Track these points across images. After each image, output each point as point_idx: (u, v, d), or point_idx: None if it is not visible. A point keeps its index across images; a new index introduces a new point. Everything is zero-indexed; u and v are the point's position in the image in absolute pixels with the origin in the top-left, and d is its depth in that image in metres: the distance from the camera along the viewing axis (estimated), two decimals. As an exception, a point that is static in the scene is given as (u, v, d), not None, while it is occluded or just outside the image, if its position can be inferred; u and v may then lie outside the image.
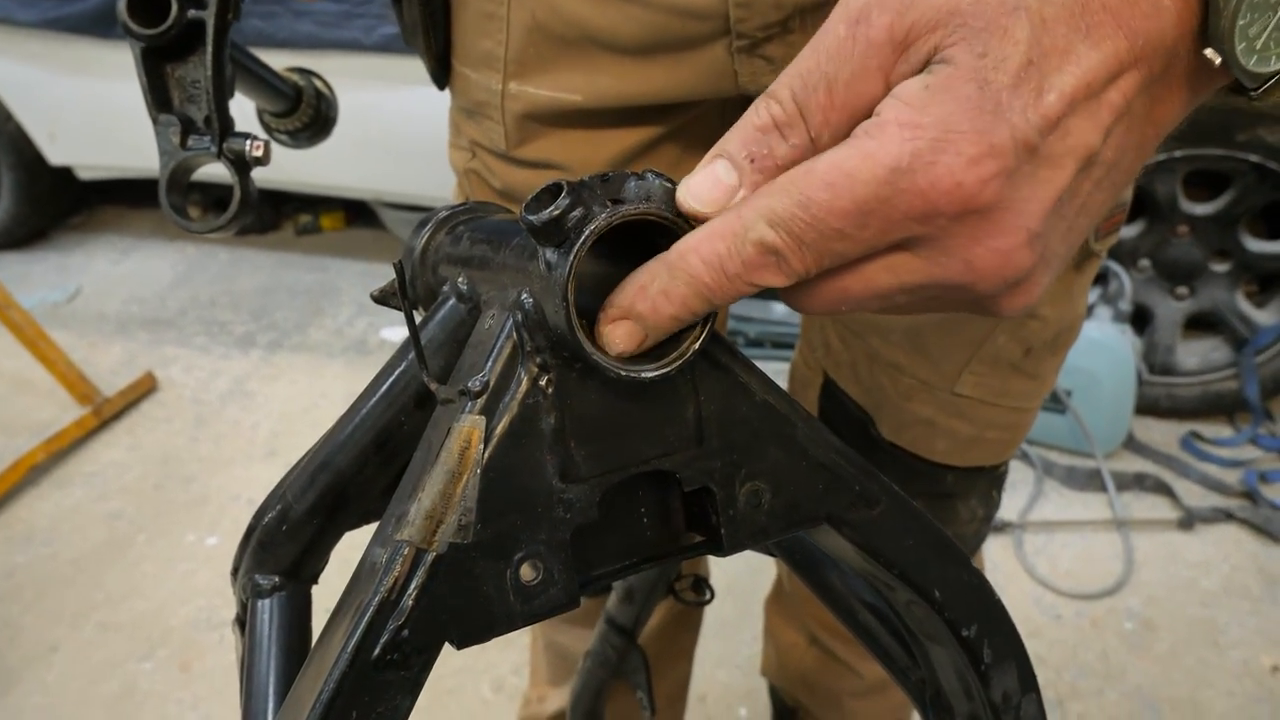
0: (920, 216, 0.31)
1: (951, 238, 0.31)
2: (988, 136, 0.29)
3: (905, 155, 0.30)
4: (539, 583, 0.38)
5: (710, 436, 0.40)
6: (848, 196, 0.30)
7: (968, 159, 0.30)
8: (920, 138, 0.30)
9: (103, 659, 1.81)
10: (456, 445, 0.37)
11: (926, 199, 0.30)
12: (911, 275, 0.33)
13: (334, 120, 0.76)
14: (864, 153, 0.30)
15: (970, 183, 0.30)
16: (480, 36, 0.74)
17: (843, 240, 0.31)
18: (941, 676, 0.52)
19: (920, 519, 0.46)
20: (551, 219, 0.33)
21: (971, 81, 0.30)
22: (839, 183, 0.30)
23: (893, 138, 0.30)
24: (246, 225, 0.62)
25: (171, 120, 0.58)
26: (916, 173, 0.30)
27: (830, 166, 0.31)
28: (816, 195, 0.31)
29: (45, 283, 3.26)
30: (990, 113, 0.30)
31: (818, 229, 0.31)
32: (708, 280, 0.33)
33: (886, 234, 0.31)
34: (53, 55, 2.89)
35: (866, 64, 0.32)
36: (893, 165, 0.30)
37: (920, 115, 0.30)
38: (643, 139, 0.75)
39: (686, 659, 1.30)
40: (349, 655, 0.35)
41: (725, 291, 0.33)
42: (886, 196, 0.30)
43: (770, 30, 0.65)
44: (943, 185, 0.30)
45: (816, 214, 0.31)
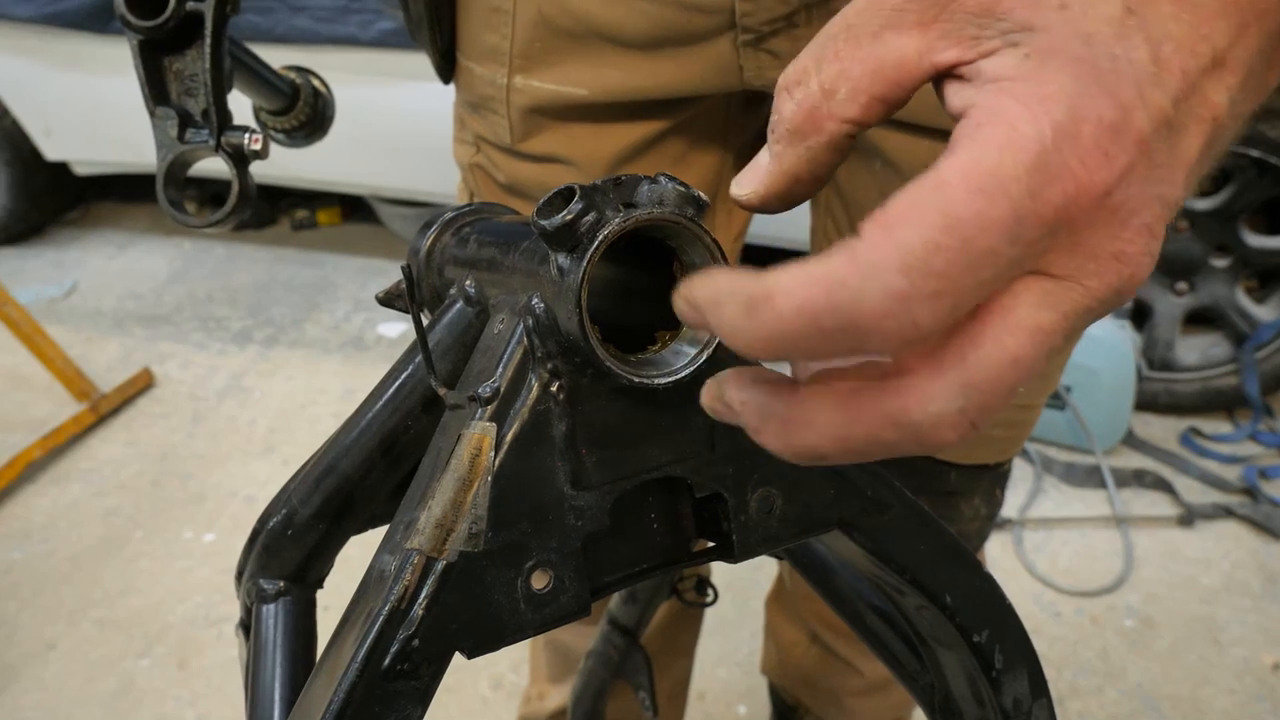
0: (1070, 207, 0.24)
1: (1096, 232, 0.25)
2: (1119, 96, 0.24)
3: (1046, 132, 0.24)
4: (550, 591, 0.37)
5: (722, 442, 0.40)
6: (1004, 203, 0.24)
7: (1109, 125, 0.24)
8: (1053, 110, 0.24)
9: (100, 656, 1.80)
10: (467, 452, 0.36)
11: (1079, 181, 0.24)
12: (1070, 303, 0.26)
13: (331, 119, 0.76)
14: (998, 143, 0.24)
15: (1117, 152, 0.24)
16: (486, 30, 0.73)
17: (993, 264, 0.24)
18: (951, 682, 0.52)
19: (931, 523, 0.46)
20: (564, 224, 0.32)
21: (1073, 37, 0.25)
22: (987, 185, 0.24)
23: (1021, 117, 0.24)
24: (243, 220, 0.62)
25: (169, 113, 0.57)
26: (1064, 151, 0.24)
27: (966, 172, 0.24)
28: (964, 210, 0.23)
29: (41, 278, 3.24)
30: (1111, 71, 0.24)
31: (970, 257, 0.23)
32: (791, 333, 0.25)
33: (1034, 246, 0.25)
34: (49, 50, 2.88)
35: (901, 16, 0.27)
36: (1039, 148, 0.24)
37: (1038, 86, 0.25)
38: (648, 133, 0.74)
39: (687, 657, 1.30)
40: (359, 665, 0.34)
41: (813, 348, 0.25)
42: (1039, 190, 0.24)
43: (776, 25, 0.65)
44: (1091, 160, 0.24)
45: (969, 236, 0.23)
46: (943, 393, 0.25)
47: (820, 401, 0.27)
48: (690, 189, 0.35)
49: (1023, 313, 0.25)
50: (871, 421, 0.26)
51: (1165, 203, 0.26)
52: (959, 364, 0.25)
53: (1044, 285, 0.26)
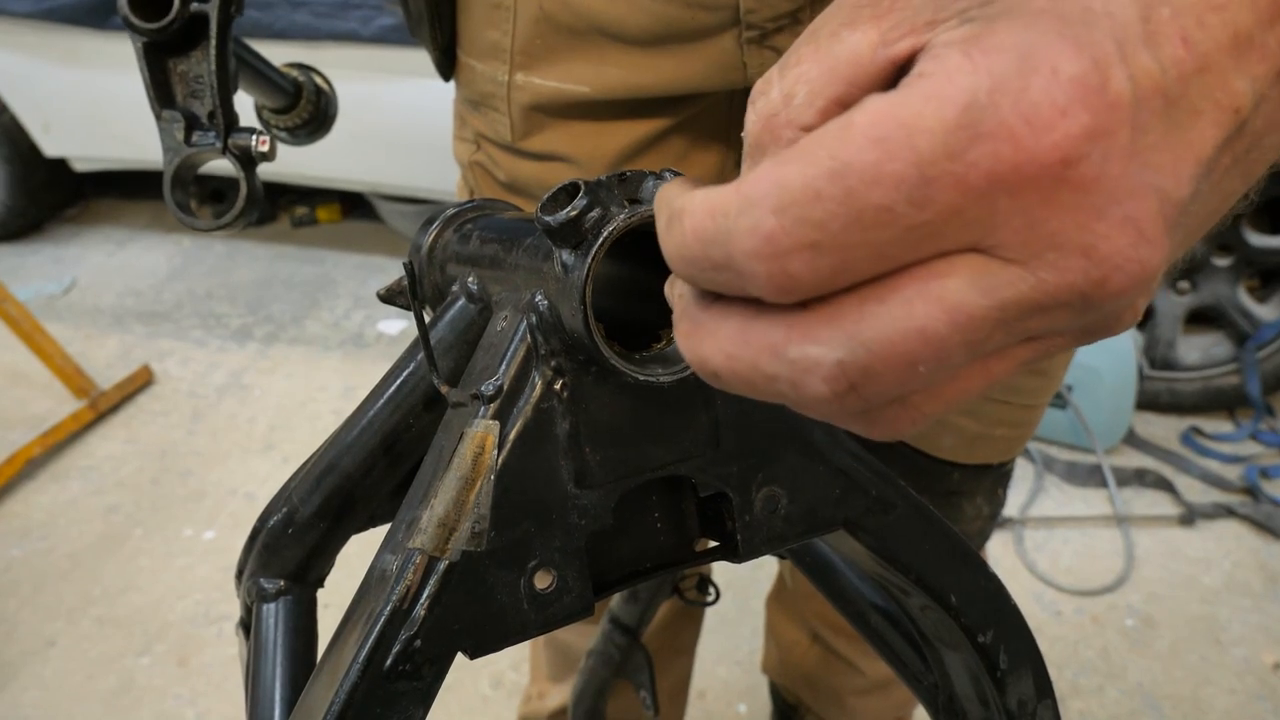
0: (1010, 175, 0.20)
1: (1057, 215, 0.21)
2: (1088, 49, 0.20)
3: (983, 82, 0.20)
4: (553, 591, 0.37)
5: (727, 441, 0.40)
6: (905, 154, 0.20)
7: (1069, 78, 0.20)
8: (999, 60, 0.20)
9: (100, 654, 1.80)
10: (470, 451, 0.36)
11: (1019, 142, 0.20)
12: (1010, 289, 0.22)
13: (333, 117, 0.75)
14: (924, 94, 0.21)
15: (1079, 113, 0.20)
16: (487, 27, 0.73)
17: (888, 226, 0.21)
18: (955, 682, 0.51)
19: (937, 523, 0.46)
20: (568, 220, 0.32)
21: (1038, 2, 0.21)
22: (891, 136, 0.21)
23: (960, 67, 0.21)
24: (250, 222, 0.62)
25: (175, 116, 0.57)
26: (1001, 105, 0.20)
27: (876, 116, 0.21)
28: (855, 156, 0.21)
29: (41, 275, 3.24)
30: (1081, 22, 0.21)
31: (853, 207, 0.21)
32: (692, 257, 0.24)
33: (959, 215, 0.21)
34: (48, 46, 2.87)
35: (858, 12, 0.24)
36: (967, 99, 0.20)
37: (988, 38, 0.21)
38: (650, 131, 0.74)
39: (688, 655, 1.30)
40: (360, 665, 0.34)
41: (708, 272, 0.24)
42: (961, 148, 0.20)
43: (780, 21, 0.65)
44: (1041, 117, 0.20)
45: (854, 185, 0.21)
46: (826, 337, 0.23)
47: (724, 313, 0.25)
48: (696, 185, 0.34)
49: (948, 285, 0.22)
50: (757, 346, 0.24)
51: (1164, 197, 0.21)
52: (853, 315, 0.22)
53: (984, 264, 0.22)
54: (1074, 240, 0.21)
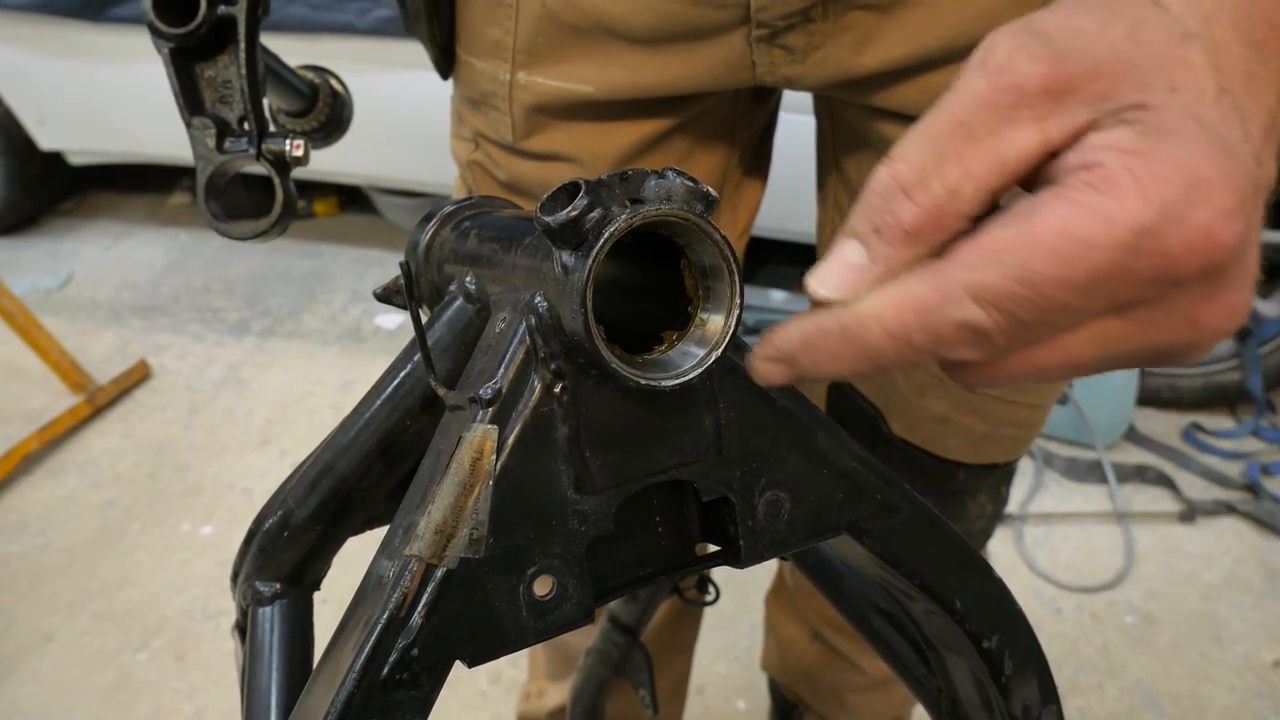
0: (1158, 280, 0.26)
1: (1182, 297, 0.27)
2: (1233, 181, 0.26)
3: (1152, 213, 0.25)
4: (553, 597, 0.36)
5: (729, 445, 0.39)
6: (1084, 267, 0.26)
7: (1222, 212, 0.25)
8: (1166, 189, 0.25)
9: (98, 649, 1.79)
10: (468, 455, 0.35)
11: (1175, 260, 0.26)
12: (1122, 344, 0.28)
13: (349, 120, 0.74)
14: (1100, 214, 0.26)
15: (1226, 239, 0.26)
16: (488, 25, 0.72)
17: (1066, 315, 0.27)
18: (959, 687, 0.51)
19: (942, 527, 0.45)
20: (569, 220, 0.31)
21: (1187, 119, 0.26)
22: (1072, 253, 0.26)
23: (1132, 193, 0.26)
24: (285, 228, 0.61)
25: (206, 123, 0.55)
26: (1169, 234, 0.25)
27: (1059, 233, 0.26)
28: (1045, 269, 0.26)
29: (37, 269, 3.22)
30: (1226, 154, 0.26)
31: (1040, 305, 0.27)
32: (887, 351, 0.30)
33: (1113, 301, 0.27)
34: (43, 39, 2.85)
35: (1016, 113, 0.28)
36: (1138, 226, 0.25)
37: (1156, 165, 0.26)
38: (654, 131, 0.73)
39: (687, 653, 1.29)
40: (357, 674, 0.34)
41: (903, 361, 0.30)
42: (1127, 263, 0.26)
43: (792, 19, 0.63)
44: (1197, 244, 0.25)
45: (1044, 291, 0.26)
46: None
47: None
48: (699, 184, 0.33)
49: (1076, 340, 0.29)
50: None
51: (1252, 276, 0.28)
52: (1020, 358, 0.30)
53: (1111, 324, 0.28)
54: (1185, 313, 0.27)
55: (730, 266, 0.34)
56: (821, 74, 0.67)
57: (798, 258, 2.54)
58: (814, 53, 0.66)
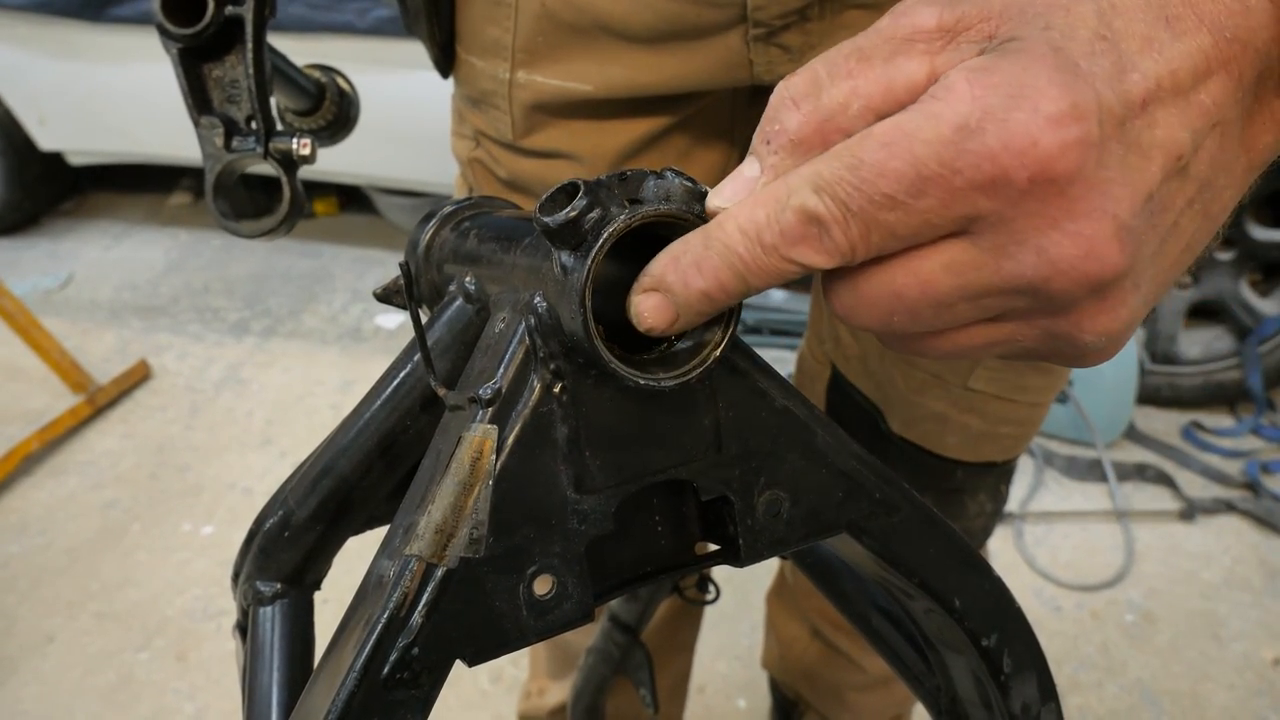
0: (987, 184, 0.27)
1: (1022, 218, 0.27)
2: (1069, 94, 0.26)
3: (975, 112, 0.26)
4: (553, 597, 0.37)
5: (729, 444, 0.39)
6: (905, 156, 0.27)
7: (1046, 116, 0.26)
8: (993, 95, 0.26)
9: (99, 649, 1.80)
10: (467, 455, 0.35)
11: (996, 161, 0.26)
12: (975, 273, 0.29)
13: (355, 119, 0.74)
14: (928, 113, 0.27)
15: (1049, 144, 0.26)
16: (487, 24, 0.72)
17: (894, 209, 0.28)
18: (958, 685, 0.51)
19: (941, 526, 0.45)
20: (568, 220, 0.31)
21: (1044, 45, 0.27)
22: (897, 142, 0.27)
23: (962, 96, 0.27)
24: (292, 226, 0.61)
25: (214, 122, 0.56)
26: (986, 131, 0.26)
27: (889, 127, 0.28)
28: (869, 155, 0.27)
29: (37, 269, 3.22)
30: (1070, 72, 0.26)
31: (866, 192, 0.28)
32: (742, 251, 0.30)
33: (946, 208, 0.27)
34: (42, 39, 2.85)
35: (910, 45, 0.29)
36: (960, 122, 0.26)
37: (991, 75, 0.27)
38: (652, 129, 0.73)
39: (687, 652, 1.30)
40: (357, 674, 0.34)
41: (761, 268, 0.30)
42: (949, 159, 0.27)
43: (789, 18, 0.64)
44: (1016, 144, 0.26)
45: (866, 175, 0.27)
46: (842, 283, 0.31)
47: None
48: (697, 184, 0.34)
49: (925, 263, 0.29)
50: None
51: (1119, 223, 0.27)
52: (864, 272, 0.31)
53: (961, 249, 0.29)
54: (1031, 241, 0.27)
55: None
56: None
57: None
58: (811, 52, 0.66)
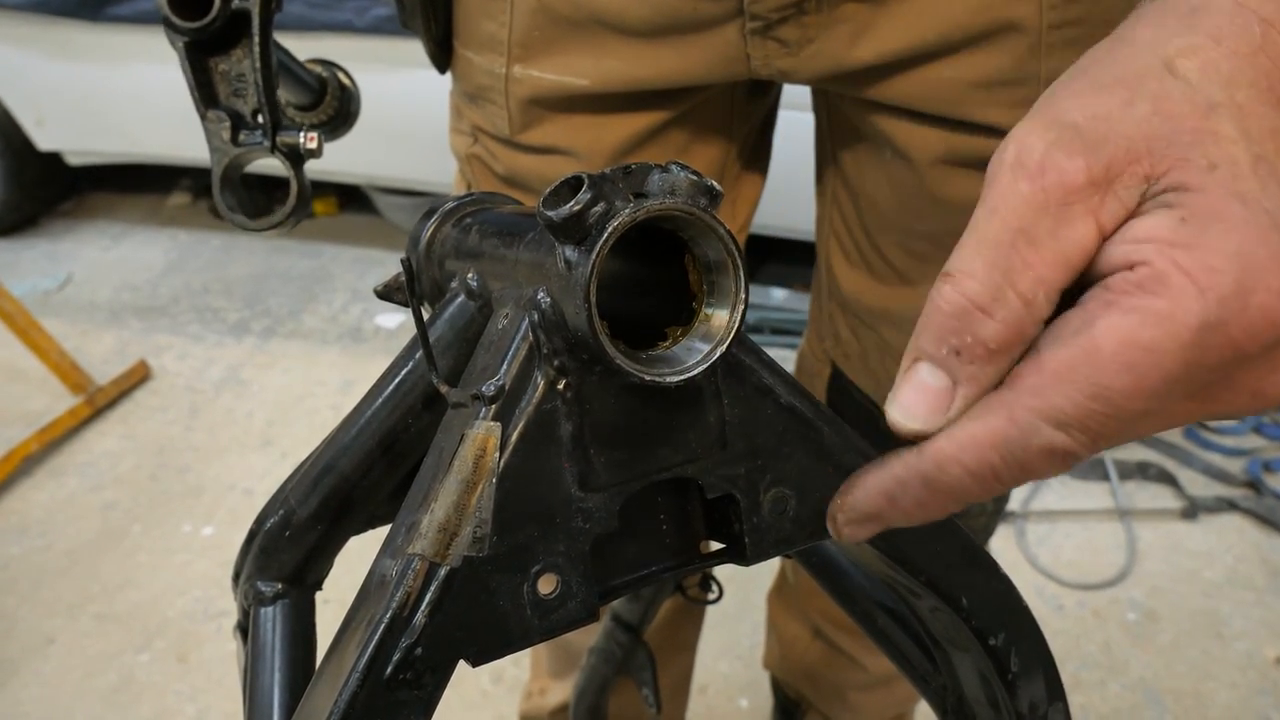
0: (1225, 366, 0.27)
1: (1246, 374, 0.28)
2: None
3: (1212, 308, 0.26)
4: (557, 596, 0.36)
5: (734, 442, 0.39)
6: (1155, 375, 0.27)
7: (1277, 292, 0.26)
8: (1219, 281, 0.26)
9: (100, 650, 1.79)
10: (471, 453, 0.35)
11: (1239, 348, 0.27)
12: (1187, 419, 0.29)
13: (356, 114, 0.74)
14: (1159, 316, 0.26)
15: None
16: (483, 18, 0.71)
17: (1146, 419, 0.28)
18: (965, 684, 0.50)
19: (947, 524, 0.45)
20: (572, 215, 0.31)
21: (1224, 195, 0.26)
22: (1140, 361, 0.26)
23: (1186, 291, 0.26)
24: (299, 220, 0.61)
25: (221, 116, 0.56)
26: (1229, 325, 0.26)
27: (1122, 344, 0.27)
28: (1115, 382, 0.27)
29: (35, 270, 3.22)
30: (1272, 229, 0.26)
31: (1119, 418, 0.27)
32: (973, 489, 0.30)
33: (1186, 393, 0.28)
34: (40, 39, 2.85)
35: (1069, 210, 0.28)
36: (1199, 324, 0.26)
37: (1205, 255, 0.26)
38: (650, 123, 0.73)
39: (689, 652, 1.29)
40: (360, 674, 0.33)
41: (993, 493, 0.30)
42: (1196, 360, 0.26)
43: (785, 11, 0.63)
44: (1259, 329, 0.26)
45: (1119, 404, 0.27)
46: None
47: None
48: (703, 178, 0.33)
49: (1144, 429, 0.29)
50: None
51: None
52: None
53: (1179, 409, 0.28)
54: (1248, 387, 0.28)
55: (735, 261, 0.34)
56: (816, 67, 0.67)
57: (799, 256, 2.54)
58: (808, 45, 0.66)
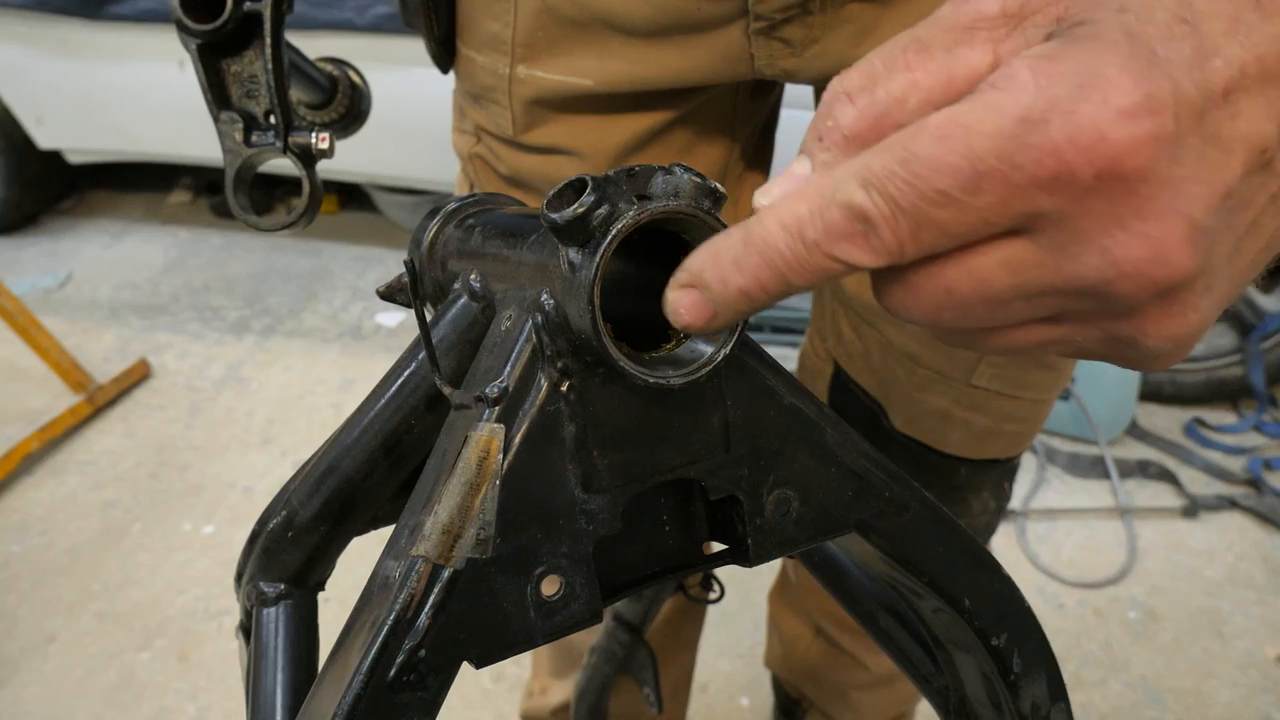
0: (1049, 181, 0.24)
1: (1086, 217, 0.25)
2: (1143, 84, 0.23)
3: (1039, 103, 0.24)
4: (560, 598, 0.36)
5: (737, 443, 0.39)
6: (961, 150, 0.25)
7: (1117, 108, 0.23)
8: (1058, 84, 0.24)
9: (100, 649, 1.79)
10: (474, 455, 0.35)
11: (1060, 157, 0.24)
12: (1034, 272, 0.26)
13: (367, 113, 0.75)
14: (987, 103, 0.25)
15: (1119, 138, 0.23)
16: (487, 18, 0.71)
17: (947, 206, 0.25)
18: (967, 685, 0.50)
19: (950, 525, 0.45)
20: (576, 217, 0.31)
21: (1117, 30, 0.24)
22: (953, 135, 0.25)
23: (1025, 85, 0.24)
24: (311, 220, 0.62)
25: (233, 117, 0.57)
26: (1051, 123, 0.24)
27: (945, 119, 0.25)
28: (923, 149, 0.25)
29: (36, 268, 3.22)
30: (1145, 60, 0.24)
31: (918, 188, 0.25)
32: (783, 248, 0.28)
33: (1005, 206, 0.25)
34: (40, 37, 2.85)
35: (972, 34, 0.27)
36: (1022, 114, 0.24)
37: (1057, 62, 0.24)
38: (654, 123, 0.73)
39: (690, 650, 1.29)
40: (364, 676, 0.33)
41: (804, 265, 0.28)
42: (1010, 153, 0.24)
43: (790, 11, 0.63)
44: (1083, 139, 0.23)
45: (919, 170, 0.25)
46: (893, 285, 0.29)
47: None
48: (707, 180, 0.33)
49: (982, 261, 0.27)
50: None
51: (1192, 224, 0.24)
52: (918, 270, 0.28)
53: (1020, 247, 0.26)
54: (1095, 241, 0.25)
55: None
56: (820, 67, 0.67)
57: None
58: (812, 45, 0.66)
